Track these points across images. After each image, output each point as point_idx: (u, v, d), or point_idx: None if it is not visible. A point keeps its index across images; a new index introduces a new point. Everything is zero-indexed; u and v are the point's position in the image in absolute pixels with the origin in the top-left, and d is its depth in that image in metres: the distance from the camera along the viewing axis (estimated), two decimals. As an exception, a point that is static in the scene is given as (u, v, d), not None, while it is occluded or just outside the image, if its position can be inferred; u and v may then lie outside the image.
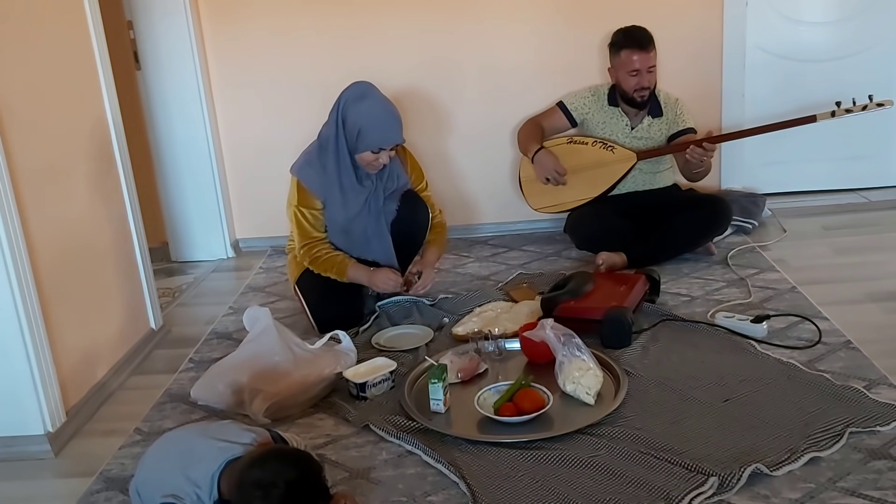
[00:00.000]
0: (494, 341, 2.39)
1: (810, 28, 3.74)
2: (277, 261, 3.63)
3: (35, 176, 2.23)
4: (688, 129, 3.30)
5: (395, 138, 2.63)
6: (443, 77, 3.68)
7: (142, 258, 2.86)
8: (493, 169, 3.77)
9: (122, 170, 2.77)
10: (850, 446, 1.83)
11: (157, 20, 3.51)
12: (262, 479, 1.54)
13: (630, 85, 3.20)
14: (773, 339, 2.42)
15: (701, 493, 1.68)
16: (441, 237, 2.94)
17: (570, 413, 2.06)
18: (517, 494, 1.74)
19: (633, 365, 2.30)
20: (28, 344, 2.11)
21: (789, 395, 2.07)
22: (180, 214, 3.77)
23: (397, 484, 1.85)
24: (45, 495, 2.01)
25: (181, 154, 3.68)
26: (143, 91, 3.62)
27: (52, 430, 2.17)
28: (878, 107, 2.97)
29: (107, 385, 2.49)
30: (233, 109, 3.76)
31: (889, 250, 3.20)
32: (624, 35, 3.22)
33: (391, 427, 2.04)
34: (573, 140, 3.37)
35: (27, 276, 2.11)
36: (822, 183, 3.95)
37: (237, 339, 2.72)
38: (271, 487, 1.53)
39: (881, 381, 2.11)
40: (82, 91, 2.59)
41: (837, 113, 2.99)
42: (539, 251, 3.52)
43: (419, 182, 2.89)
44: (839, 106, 2.98)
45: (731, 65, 3.69)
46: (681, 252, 3.18)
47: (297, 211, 2.70)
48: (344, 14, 3.62)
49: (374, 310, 2.82)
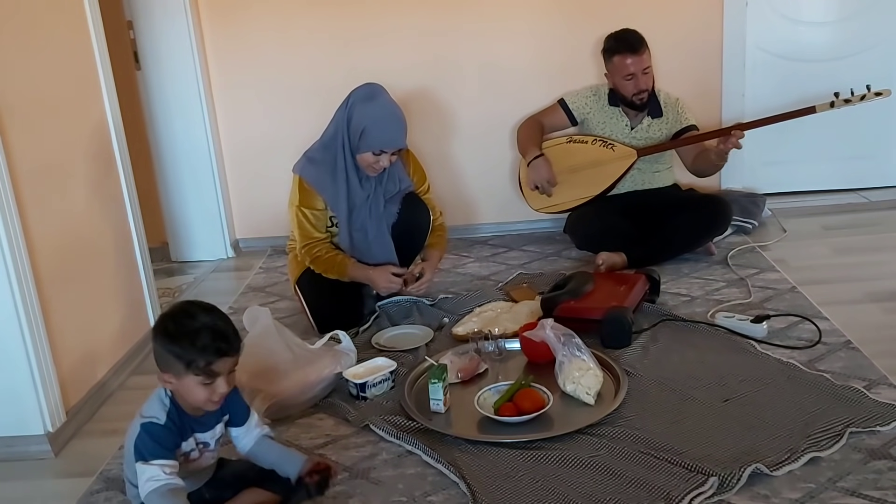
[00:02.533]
0: (494, 341, 2.39)
1: (810, 28, 3.74)
2: (277, 261, 3.63)
3: (35, 176, 2.23)
4: (690, 126, 3.30)
5: (397, 142, 2.63)
6: (443, 77, 3.69)
7: (142, 258, 2.86)
8: (493, 169, 3.78)
9: (122, 170, 2.77)
10: (850, 446, 1.83)
11: (157, 20, 3.51)
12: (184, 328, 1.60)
13: (628, 90, 3.21)
14: (773, 339, 2.42)
15: (701, 493, 1.68)
16: (442, 240, 2.94)
17: (570, 413, 2.06)
18: (517, 494, 1.74)
19: (633, 365, 2.30)
20: (28, 344, 2.11)
21: (789, 395, 2.07)
22: (180, 214, 3.78)
23: (397, 484, 1.85)
24: (45, 495, 2.01)
25: (181, 154, 3.68)
26: (143, 91, 3.62)
27: (52, 430, 2.17)
28: (877, 96, 2.97)
29: (107, 385, 2.50)
30: (233, 109, 3.76)
31: (889, 250, 3.20)
32: (615, 40, 3.23)
33: (391, 427, 2.04)
34: (572, 139, 3.37)
35: (27, 275, 2.11)
36: (822, 183, 3.96)
37: (237, 339, 2.72)
38: (196, 333, 1.59)
39: (881, 381, 2.11)
40: (82, 91, 2.59)
41: (836, 104, 2.98)
42: (539, 251, 3.52)
43: (421, 184, 2.89)
44: (838, 97, 2.98)
45: (731, 64, 3.69)
46: (681, 252, 3.18)
47: (298, 211, 2.70)
48: (344, 14, 3.62)
49: (374, 310, 2.82)
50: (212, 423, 1.73)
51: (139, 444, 1.62)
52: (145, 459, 1.60)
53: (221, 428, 1.77)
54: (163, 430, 1.62)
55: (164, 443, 1.62)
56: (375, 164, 2.63)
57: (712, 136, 3.18)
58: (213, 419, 1.73)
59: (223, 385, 1.63)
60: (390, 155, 2.63)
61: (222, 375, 1.62)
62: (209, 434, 1.73)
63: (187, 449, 1.69)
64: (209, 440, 1.74)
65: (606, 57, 3.26)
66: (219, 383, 1.62)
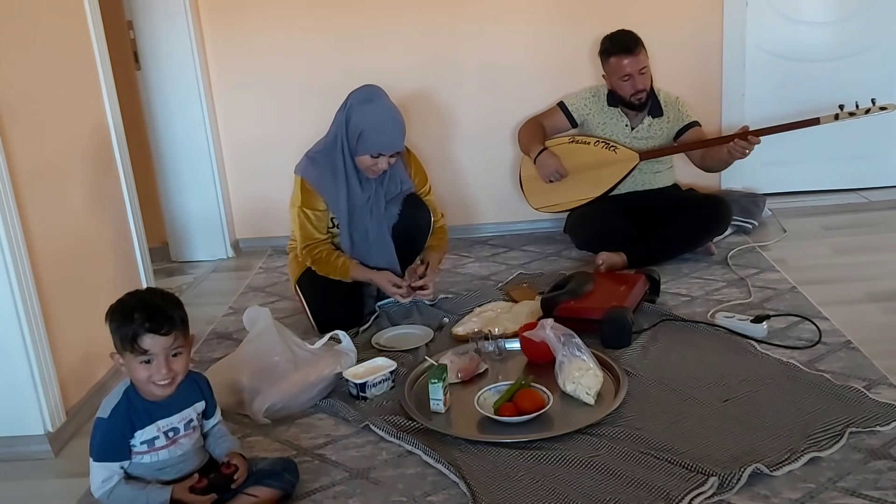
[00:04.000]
0: (494, 341, 2.39)
1: (810, 28, 3.74)
2: (277, 261, 3.63)
3: (35, 176, 2.23)
4: (692, 122, 3.31)
5: (395, 145, 2.62)
6: (443, 77, 3.69)
7: (142, 258, 2.86)
8: (493, 169, 3.78)
9: (122, 170, 2.77)
10: (850, 446, 1.83)
11: (157, 20, 3.51)
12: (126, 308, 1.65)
13: (626, 91, 3.21)
14: (773, 339, 2.42)
15: (701, 493, 1.68)
16: (442, 241, 2.93)
17: (570, 413, 2.06)
18: (517, 494, 1.74)
19: (633, 365, 2.30)
20: (28, 344, 2.11)
21: (789, 395, 2.07)
22: (180, 214, 3.78)
23: (397, 484, 1.84)
24: (45, 495, 2.01)
25: (181, 154, 3.68)
26: (143, 91, 3.62)
27: (52, 430, 2.17)
28: (881, 110, 2.97)
29: (107, 385, 2.49)
30: (233, 109, 3.76)
31: (889, 250, 3.20)
32: (610, 41, 3.23)
33: (391, 427, 2.04)
34: (575, 140, 3.37)
35: (27, 275, 2.11)
36: (822, 183, 3.96)
37: (237, 339, 2.72)
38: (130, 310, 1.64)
39: (881, 381, 2.11)
40: (82, 91, 2.59)
41: (841, 116, 2.98)
42: (539, 251, 3.52)
43: (422, 186, 2.88)
44: (842, 109, 2.98)
45: (731, 65, 3.69)
46: (681, 252, 3.18)
47: (300, 212, 2.70)
48: (344, 14, 3.62)
49: (374, 310, 2.82)
50: (177, 407, 1.74)
51: (91, 438, 1.68)
52: (92, 457, 1.67)
53: (192, 413, 1.77)
54: (106, 425, 1.67)
55: (108, 439, 1.67)
56: (374, 167, 2.63)
57: (714, 143, 3.19)
58: (178, 403, 1.74)
59: (163, 365, 1.64)
60: (388, 157, 2.63)
61: (158, 355, 1.63)
62: (176, 418, 1.74)
63: (149, 437, 1.70)
64: (177, 425, 1.74)
65: (603, 58, 3.27)
66: (158, 363, 1.64)
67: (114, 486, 1.67)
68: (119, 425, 1.67)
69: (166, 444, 1.72)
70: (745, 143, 2.98)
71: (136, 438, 1.69)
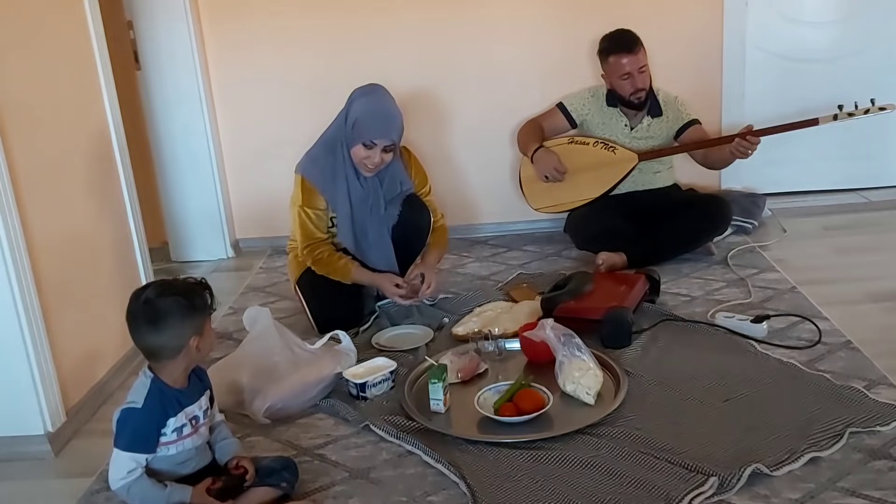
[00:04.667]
0: (494, 341, 2.39)
1: (810, 28, 3.74)
2: (277, 261, 3.63)
3: (35, 176, 2.23)
4: (692, 121, 3.31)
5: (388, 134, 2.59)
6: (442, 77, 3.68)
7: (142, 258, 2.86)
8: (493, 169, 3.78)
9: (122, 170, 2.77)
10: (850, 446, 1.83)
11: (157, 20, 3.51)
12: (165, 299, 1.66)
13: (625, 90, 3.21)
14: (773, 339, 2.42)
15: (701, 493, 1.68)
16: (441, 241, 2.92)
17: (570, 413, 2.06)
18: (517, 494, 1.74)
19: (633, 365, 2.30)
20: (28, 344, 2.11)
21: (789, 395, 2.07)
22: (180, 214, 3.77)
23: (397, 484, 1.84)
24: (45, 495, 2.01)
25: (181, 154, 3.68)
26: (143, 91, 3.62)
27: (52, 429, 2.17)
28: (881, 111, 2.97)
29: (107, 385, 2.49)
30: (233, 109, 3.76)
31: (889, 250, 3.20)
32: (609, 40, 3.23)
33: (391, 427, 2.04)
34: (574, 140, 3.37)
35: (27, 275, 2.11)
36: (822, 183, 3.96)
37: (237, 339, 2.72)
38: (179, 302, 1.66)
39: (881, 381, 2.11)
40: (82, 91, 2.59)
41: (840, 116, 2.98)
42: (539, 251, 3.52)
43: (422, 186, 2.88)
44: (841, 109, 2.98)
45: (731, 65, 3.69)
46: (681, 252, 3.18)
47: (301, 211, 2.70)
48: (344, 14, 3.62)
49: (374, 310, 2.81)
50: (196, 393, 1.77)
51: (118, 428, 1.68)
52: (121, 447, 1.66)
53: (206, 401, 1.80)
54: (141, 414, 1.67)
55: (140, 430, 1.67)
56: (367, 160, 2.60)
57: (714, 143, 3.19)
58: (197, 390, 1.77)
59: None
60: (382, 151, 2.60)
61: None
62: (196, 406, 1.76)
63: (179, 424, 1.71)
64: (198, 412, 1.77)
65: (602, 58, 3.27)
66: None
67: (135, 479, 1.67)
68: (153, 414, 1.68)
69: (190, 433, 1.74)
70: (747, 144, 2.99)
71: (167, 427, 1.70)
